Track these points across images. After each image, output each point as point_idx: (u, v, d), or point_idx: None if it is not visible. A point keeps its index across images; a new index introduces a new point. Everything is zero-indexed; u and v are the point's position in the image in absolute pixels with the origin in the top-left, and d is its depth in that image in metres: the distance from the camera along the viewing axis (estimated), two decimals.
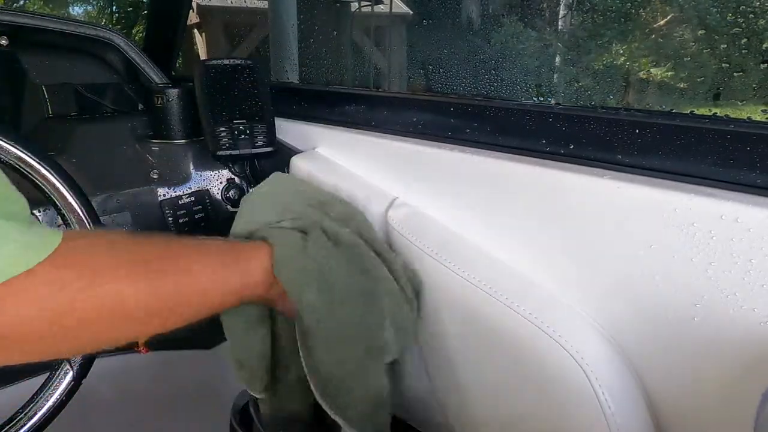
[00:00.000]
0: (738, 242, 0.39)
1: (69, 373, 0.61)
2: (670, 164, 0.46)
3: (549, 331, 0.49)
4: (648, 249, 0.44)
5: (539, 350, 0.49)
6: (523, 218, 0.54)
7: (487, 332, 0.54)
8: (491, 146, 0.58)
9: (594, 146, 0.51)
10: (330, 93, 0.81)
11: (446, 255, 0.57)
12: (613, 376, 0.47)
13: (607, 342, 0.49)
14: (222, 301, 0.49)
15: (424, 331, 0.66)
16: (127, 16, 3.66)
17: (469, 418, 0.62)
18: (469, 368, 0.59)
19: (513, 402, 0.56)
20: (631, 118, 0.49)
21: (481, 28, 0.91)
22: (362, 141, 0.71)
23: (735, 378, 0.41)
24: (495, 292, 0.53)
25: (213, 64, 0.82)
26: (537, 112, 0.56)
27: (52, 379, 0.61)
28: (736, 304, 0.40)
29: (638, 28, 0.77)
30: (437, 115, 0.65)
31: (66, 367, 0.61)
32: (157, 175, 0.88)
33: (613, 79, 0.78)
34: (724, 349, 0.41)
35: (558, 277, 0.52)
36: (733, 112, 0.47)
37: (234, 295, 0.49)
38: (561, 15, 0.90)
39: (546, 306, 0.51)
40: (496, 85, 0.74)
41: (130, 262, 0.40)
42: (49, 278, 0.35)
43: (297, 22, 1.38)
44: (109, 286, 0.38)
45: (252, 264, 0.50)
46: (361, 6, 1.90)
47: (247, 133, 0.81)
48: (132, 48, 0.99)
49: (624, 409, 0.46)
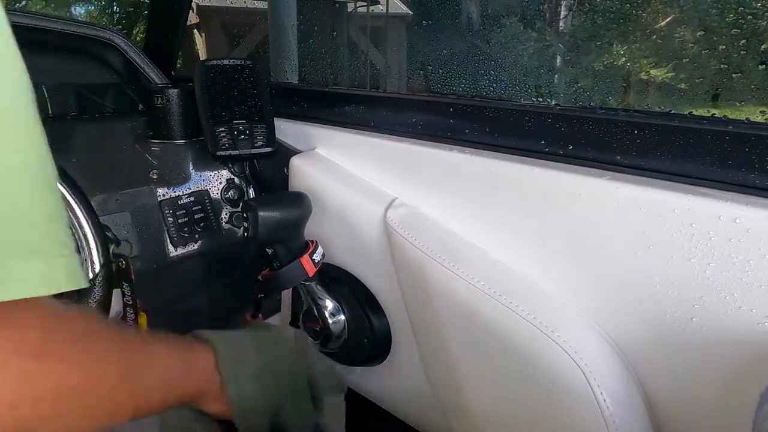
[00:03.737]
0: (736, 243, 0.39)
1: None
2: (669, 165, 0.46)
3: (547, 332, 0.49)
4: (646, 249, 0.44)
5: (538, 350, 0.49)
6: (522, 219, 0.54)
7: (485, 332, 0.54)
8: (491, 147, 0.58)
9: (593, 147, 0.51)
10: (330, 93, 0.82)
11: (445, 255, 0.57)
12: (612, 376, 0.47)
13: (605, 342, 0.49)
14: (165, 399, 0.46)
15: (423, 331, 0.66)
16: (128, 16, 3.66)
17: (468, 418, 0.62)
18: (468, 368, 0.59)
19: (512, 402, 0.56)
20: (630, 118, 0.49)
21: (481, 28, 0.91)
22: (362, 141, 0.71)
23: (733, 378, 0.41)
24: (493, 292, 0.53)
25: (213, 65, 0.82)
26: (536, 113, 0.56)
27: None
28: (735, 305, 0.40)
29: (638, 29, 0.78)
30: (437, 116, 0.65)
31: None
32: (156, 175, 0.88)
33: (613, 80, 0.78)
34: (722, 349, 0.41)
35: (556, 277, 0.52)
36: (732, 113, 0.47)
37: (178, 390, 0.47)
38: (561, 16, 0.90)
39: (545, 306, 0.51)
40: (495, 85, 0.74)
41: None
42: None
43: (297, 23, 1.38)
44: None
45: (197, 360, 0.48)
46: (357, 6, 1.90)
47: (247, 134, 0.81)
48: (132, 48, 0.99)
49: (622, 409, 0.46)
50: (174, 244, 0.86)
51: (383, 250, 0.66)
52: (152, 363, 0.44)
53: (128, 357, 0.41)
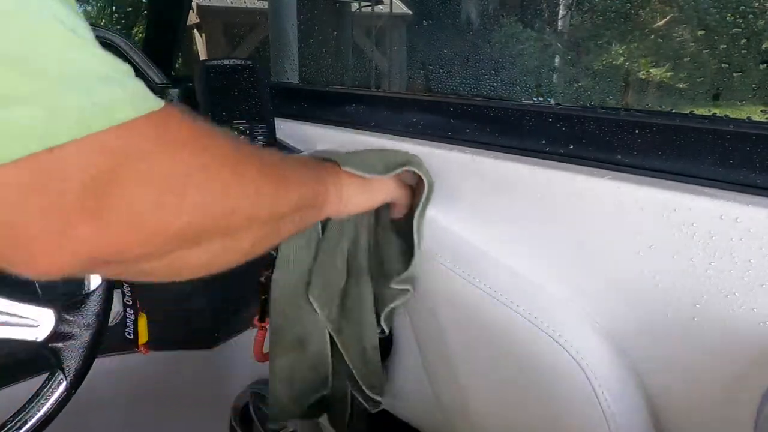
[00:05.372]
0: (738, 242, 0.39)
1: (63, 383, 0.59)
2: (670, 164, 0.46)
3: (549, 331, 0.49)
4: (648, 249, 0.44)
5: (539, 350, 0.49)
6: (523, 218, 0.54)
7: (486, 332, 0.54)
8: (491, 146, 0.58)
9: (594, 146, 0.51)
10: (330, 93, 0.82)
11: (445, 255, 0.57)
12: (613, 376, 0.47)
13: (606, 341, 0.49)
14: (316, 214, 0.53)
15: (424, 330, 0.66)
16: (127, 16, 3.65)
17: (469, 417, 0.62)
18: (469, 368, 0.59)
19: (513, 402, 0.56)
20: (631, 118, 0.49)
21: (481, 28, 0.91)
22: (362, 141, 0.71)
23: (735, 378, 0.41)
24: (495, 292, 0.53)
25: (213, 64, 0.82)
26: (537, 112, 0.56)
27: (44, 389, 0.58)
28: (736, 304, 0.40)
29: (638, 28, 0.77)
30: (437, 115, 0.65)
31: (60, 377, 0.59)
32: None
33: (613, 80, 0.78)
34: (724, 348, 0.41)
35: (558, 277, 0.52)
36: (733, 113, 0.47)
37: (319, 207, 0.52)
38: (561, 15, 0.90)
39: (546, 306, 0.51)
40: (496, 85, 0.74)
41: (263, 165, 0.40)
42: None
43: (297, 22, 1.38)
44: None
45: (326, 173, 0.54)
46: (361, 6, 1.90)
47: (247, 134, 0.81)
48: (132, 48, 0.99)
49: (624, 409, 0.46)
50: None
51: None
52: (296, 169, 0.48)
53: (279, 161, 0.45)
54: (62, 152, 0.25)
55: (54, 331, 0.58)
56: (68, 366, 0.59)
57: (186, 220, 0.31)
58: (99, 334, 0.61)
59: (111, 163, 0.27)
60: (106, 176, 0.27)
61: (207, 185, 0.32)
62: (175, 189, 0.30)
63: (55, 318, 0.58)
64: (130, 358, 0.97)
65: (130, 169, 0.28)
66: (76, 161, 0.26)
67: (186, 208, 0.31)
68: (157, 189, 0.29)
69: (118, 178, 0.27)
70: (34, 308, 0.58)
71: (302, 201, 0.47)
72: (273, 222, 0.43)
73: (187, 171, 0.31)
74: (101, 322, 0.61)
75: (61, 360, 0.59)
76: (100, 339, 0.61)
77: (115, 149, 0.27)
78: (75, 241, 0.27)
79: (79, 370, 0.60)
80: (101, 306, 0.61)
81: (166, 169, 0.30)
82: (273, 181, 0.41)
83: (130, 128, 0.28)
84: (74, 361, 0.59)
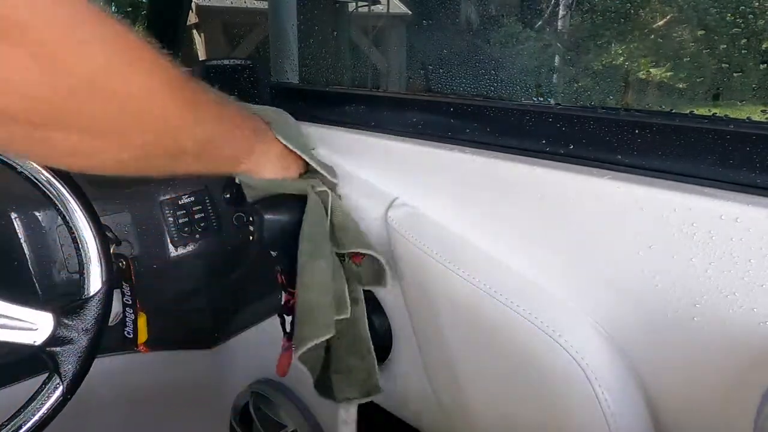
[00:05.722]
0: (737, 242, 0.39)
1: (59, 388, 0.58)
2: (670, 164, 0.46)
3: (549, 331, 0.49)
4: (648, 249, 0.44)
5: (539, 350, 0.49)
6: (523, 218, 0.54)
7: (486, 332, 0.54)
8: (491, 146, 0.58)
9: (594, 146, 0.51)
10: (330, 93, 0.82)
11: (446, 255, 0.57)
12: (613, 377, 0.47)
13: (607, 342, 0.49)
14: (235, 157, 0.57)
15: (424, 330, 0.66)
16: (127, 16, 3.65)
17: (469, 417, 0.62)
18: (469, 368, 0.59)
19: (512, 402, 0.56)
20: (631, 118, 0.49)
21: (481, 28, 0.91)
22: (362, 141, 0.71)
23: (735, 378, 0.41)
24: (495, 292, 0.53)
25: (213, 64, 0.82)
26: (537, 112, 0.56)
27: (40, 393, 0.58)
28: (736, 304, 0.40)
29: (637, 28, 0.77)
30: (437, 116, 0.65)
31: (56, 381, 0.59)
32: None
33: (613, 80, 0.78)
34: (724, 349, 0.41)
35: (558, 277, 0.52)
36: (733, 113, 0.47)
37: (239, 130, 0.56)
38: (560, 15, 0.90)
39: (546, 306, 0.51)
40: (495, 85, 0.74)
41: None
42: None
43: (297, 22, 1.38)
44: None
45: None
46: (358, 6, 1.89)
47: None
48: None
49: (624, 409, 0.46)
50: (174, 244, 0.87)
51: (384, 249, 0.66)
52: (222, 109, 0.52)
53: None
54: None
55: (52, 335, 0.58)
56: (65, 371, 0.59)
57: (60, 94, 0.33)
58: (97, 340, 0.61)
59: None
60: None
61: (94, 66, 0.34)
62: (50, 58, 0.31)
63: (53, 322, 0.58)
64: (130, 358, 0.97)
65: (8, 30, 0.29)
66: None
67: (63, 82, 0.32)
68: (31, 55, 0.30)
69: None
70: (32, 311, 0.57)
71: (211, 142, 0.49)
72: (164, 136, 0.44)
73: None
74: (100, 327, 0.61)
75: (58, 364, 0.58)
76: (98, 344, 0.61)
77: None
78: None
79: (76, 375, 0.60)
80: (100, 311, 0.61)
81: (45, 37, 0.30)
82: (181, 102, 0.43)
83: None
84: (71, 365, 0.59)
